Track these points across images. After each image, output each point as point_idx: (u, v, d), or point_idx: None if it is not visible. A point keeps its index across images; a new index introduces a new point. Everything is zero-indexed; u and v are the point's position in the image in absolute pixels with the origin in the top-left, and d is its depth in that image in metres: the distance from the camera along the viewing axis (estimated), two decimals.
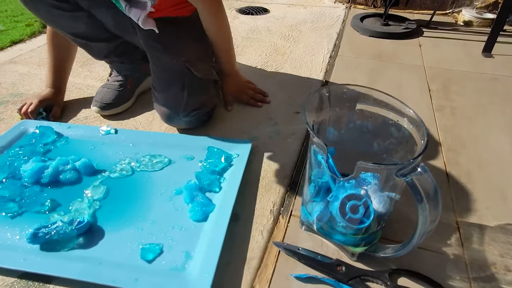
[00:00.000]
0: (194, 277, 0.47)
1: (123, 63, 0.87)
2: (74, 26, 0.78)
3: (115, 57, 0.87)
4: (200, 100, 0.74)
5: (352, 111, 0.50)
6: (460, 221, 0.58)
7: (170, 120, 0.74)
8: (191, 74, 0.73)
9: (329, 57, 1.15)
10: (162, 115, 0.74)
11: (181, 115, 0.72)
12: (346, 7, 1.66)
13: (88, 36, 0.80)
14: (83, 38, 0.80)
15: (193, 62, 0.75)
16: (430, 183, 0.38)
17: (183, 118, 0.73)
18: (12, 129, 0.76)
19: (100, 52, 0.86)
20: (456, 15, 1.54)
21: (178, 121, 0.74)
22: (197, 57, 0.77)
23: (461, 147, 0.75)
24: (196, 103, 0.73)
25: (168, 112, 0.72)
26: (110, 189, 0.62)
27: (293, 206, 0.61)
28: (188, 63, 0.73)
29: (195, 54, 0.77)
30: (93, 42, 0.82)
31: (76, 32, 0.79)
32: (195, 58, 0.76)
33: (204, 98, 0.76)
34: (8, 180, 0.63)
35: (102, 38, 0.82)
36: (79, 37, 0.80)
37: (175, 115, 0.72)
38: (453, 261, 0.51)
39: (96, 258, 0.50)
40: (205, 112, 0.77)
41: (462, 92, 0.96)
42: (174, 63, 0.74)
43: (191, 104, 0.72)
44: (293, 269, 0.50)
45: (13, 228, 0.55)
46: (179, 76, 0.73)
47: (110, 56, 0.86)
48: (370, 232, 0.47)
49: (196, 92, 0.73)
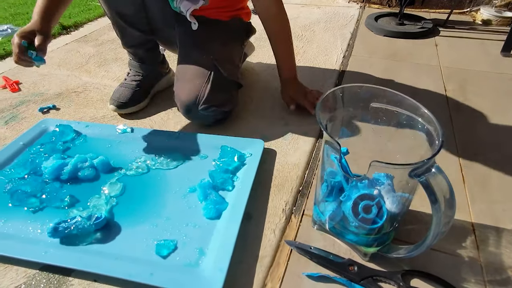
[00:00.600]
0: (207, 273, 0.48)
1: (143, 63, 0.89)
2: (124, 7, 0.79)
3: (142, 50, 0.88)
4: (221, 97, 0.76)
5: (365, 111, 0.50)
6: (476, 224, 0.57)
7: (188, 111, 0.75)
8: (218, 71, 0.76)
9: (342, 57, 1.15)
10: (182, 106, 0.75)
11: (200, 108, 0.73)
12: (360, 7, 1.64)
13: (131, 21, 0.82)
14: (126, 21, 0.81)
15: (221, 62, 0.78)
16: (445, 183, 0.37)
17: (201, 111, 0.74)
18: (34, 127, 0.79)
19: (132, 41, 0.87)
20: (474, 13, 1.51)
21: (196, 113, 0.75)
22: (225, 58, 0.80)
23: (478, 148, 0.73)
24: (217, 99, 0.74)
25: (188, 102, 0.73)
26: (126, 186, 0.63)
27: (305, 206, 0.61)
28: (216, 61, 0.76)
29: (224, 55, 0.80)
30: (132, 28, 0.83)
31: (123, 13, 0.80)
32: (224, 59, 0.79)
33: (225, 97, 0.77)
34: (30, 176, 0.65)
35: (141, 28, 0.84)
36: (123, 18, 0.81)
37: (195, 107, 0.73)
38: (468, 264, 0.51)
39: (112, 253, 0.51)
40: (223, 111, 0.78)
41: (480, 92, 0.94)
42: (203, 58, 0.77)
43: (211, 99, 0.73)
44: (305, 268, 0.50)
45: (35, 223, 0.57)
46: (205, 71, 0.75)
47: (138, 48, 0.88)
48: (383, 233, 0.47)
49: (219, 89, 0.75)
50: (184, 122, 0.83)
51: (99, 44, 1.32)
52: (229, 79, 0.78)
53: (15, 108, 0.91)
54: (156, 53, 0.92)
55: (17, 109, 0.91)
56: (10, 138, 0.78)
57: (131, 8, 0.80)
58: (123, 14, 0.81)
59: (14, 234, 0.55)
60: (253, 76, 1.04)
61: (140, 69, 0.90)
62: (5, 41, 1.35)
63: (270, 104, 0.89)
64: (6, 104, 0.93)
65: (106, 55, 1.22)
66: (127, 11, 0.80)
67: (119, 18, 0.81)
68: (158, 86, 0.94)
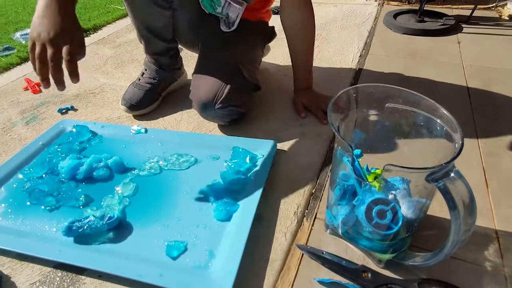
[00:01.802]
0: (216, 275, 0.47)
1: (162, 69, 0.90)
2: (154, 20, 0.80)
3: (166, 57, 0.89)
4: (239, 98, 0.75)
5: (380, 112, 0.48)
6: (500, 231, 0.54)
7: (205, 108, 0.74)
8: (240, 72, 0.76)
9: (359, 56, 1.12)
10: (199, 103, 0.74)
11: (217, 106, 0.72)
12: (378, 4, 1.60)
13: (157, 32, 0.83)
14: (151, 33, 0.83)
15: (244, 63, 0.78)
16: (465, 189, 0.35)
17: (217, 110, 0.73)
18: (52, 128, 0.81)
19: (156, 49, 0.87)
20: (500, 9, 1.44)
21: (212, 111, 0.74)
22: (248, 60, 0.80)
23: (503, 151, 0.69)
24: (235, 99, 0.74)
25: (206, 99, 0.73)
26: (139, 187, 0.64)
27: (318, 209, 0.60)
28: (240, 63, 0.76)
29: (248, 57, 0.81)
30: (157, 38, 0.84)
31: (150, 26, 0.81)
32: (247, 60, 0.79)
33: (243, 98, 0.77)
34: (48, 175, 0.67)
35: (166, 38, 0.85)
36: (150, 30, 0.82)
37: (211, 104, 0.72)
38: (491, 274, 0.48)
39: (124, 253, 0.52)
40: (239, 111, 0.77)
41: (505, 92, 0.89)
42: (227, 58, 0.77)
43: (229, 99, 0.73)
44: (317, 273, 0.49)
45: (51, 221, 0.58)
46: (227, 70, 0.75)
47: (161, 55, 0.89)
48: (399, 239, 0.45)
49: (239, 90, 0.75)
50: (196, 123, 0.83)
51: (116, 46, 1.34)
52: (249, 81, 0.78)
53: (35, 109, 0.94)
54: (177, 59, 0.93)
55: (37, 110, 0.93)
56: (30, 138, 0.81)
57: (161, 21, 0.81)
58: (152, 27, 0.82)
59: (30, 232, 0.56)
60: (267, 76, 1.03)
61: (156, 74, 0.90)
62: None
63: (284, 105, 0.88)
64: (28, 105, 0.96)
65: (123, 56, 1.24)
66: (156, 24, 0.81)
67: (147, 31, 0.82)
68: (169, 90, 0.95)
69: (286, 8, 0.77)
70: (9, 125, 0.88)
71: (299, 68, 0.84)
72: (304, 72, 0.85)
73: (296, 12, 0.77)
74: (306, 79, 0.86)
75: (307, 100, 0.85)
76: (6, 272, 0.52)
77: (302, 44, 0.81)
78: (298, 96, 0.86)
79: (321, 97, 0.85)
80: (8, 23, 1.69)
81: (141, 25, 0.82)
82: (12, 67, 1.21)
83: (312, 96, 0.85)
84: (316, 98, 0.85)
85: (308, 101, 0.84)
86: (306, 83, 0.86)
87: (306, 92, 0.86)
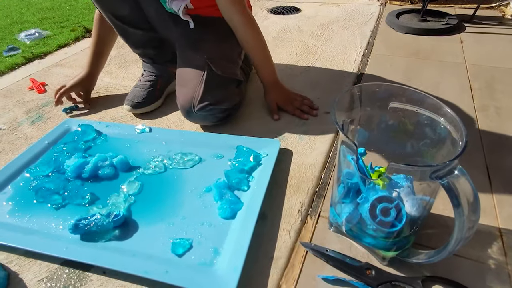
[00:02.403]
0: (221, 273, 0.48)
1: (155, 62, 0.91)
2: (119, 8, 0.81)
3: (150, 49, 0.90)
4: (216, 95, 0.75)
5: (384, 111, 0.48)
6: (503, 229, 0.54)
7: (188, 114, 0.76)
8: (211, 70, 0.76)
9: (362, 56, 1.12)
10: (182, 109, 0.76)
11: (196, 109, 0.73)
12: (381, 4, 1.60)
13: (128, 21, 0.84)
14: (124, 22, 0.83)
15: (215, 60, 0.77)
16: (468, 186, 0.36)
17: (198, 112, 0.74)
18: (58, 127, 0.82)
19: (137, 42, 0.89)
20: (504, 8, 1.43)
21: (194, 115, 0.75)
22: (220, 56, 0.80)
23: (506, 150, 0.69)
24: (212, 98, 0.74)
25: (186, 105, 0.74)
26: (144, 185, 0.65)
27: (321, 207, 0.60)
28: (209, 60, 0.76)
29: (219, 53, 0.80)
30: (132, 28, 0.85)
31: (119, 15, 0.82)
32: (218, 56, 0.79)
33: (220, 95, 0.76)
34: (54, 174, 0.68)
35: (141, 26, 0.86)
36: (120, 20, 0.83)
37: (191, 109, 0.74)
38: (495, 271, 0.48)
39: (130, 250, 0.52)
40: (222, 109, 0.77)
41: (509, 91, 0.89)
42: (197, 59, 0.77)
43: (206, 98, 0.73)
44: (321, 271, 0.49)
45: (57, 219, 0.59)
46: (199, 71, 0.76)
47: (146, 47, 0.89)
48: (403, 236, 0.46)
49: (213, 88, 0.75)
50: None
51: (120, 46, 1.35)
52: (225, 76, 0.77)
53: (41, 108, 0.95)
54: (164, 50, 0.92)
55: (42, 110, 0.94)
56: (36, 137, 0.82)
57: (126, 8, 0.81)
58: (120, 16, 0.82)
59: (38, 229, 0.57)
60: None
61: (153, 69, 0.91)
62: (33, 44, 1.41)
63: None
64: (33, 104, 0.97)
65: (127, 56, 1.25)
66: (122, 12, 0.81)
67: (117, 20, 0.83)
68: (172, 86, 0.95)
69: (220, 5, 0.77)
70: (15, 124, 0.89)
71: (257, 62, 0.84)
72: (264, 66, 0.85)
73: (228, 8, 0.76)
74: (268, 73, 0.85)
75: (280, 100, 0.85)
76: (14, 269, 0.52)
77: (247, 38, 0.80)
78: (270, 95, 0.86)
79: (292, 95, 0.86)
80: (13, 23, 1.71)
81: (111, 16, 0.82)
82: (17, 67, 1.23)
83: (284, 96, 0.86)
84: (288, 97, 0.86)
85: (281, 101, 0.85)
86: (269, 76, 0.86)
87: (276, 90, 0.86)
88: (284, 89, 0.87)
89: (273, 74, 0.87)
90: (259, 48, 0.83)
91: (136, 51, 0.92)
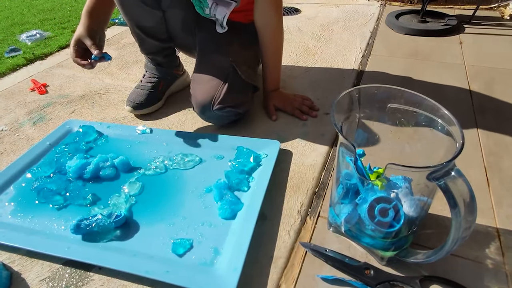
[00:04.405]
0: (222, 272, 0.48)
1: (160, 66, 0.92)
2: (144, 20, 0.81)
3: (162, 56, 0.91)
4: (236, 99, 0.76)
5: (382, 112, 0.49)
6: (501, 229, 0.54)
7: (203, 111, 0.76)
8: (236, 73, 0.77)
9: (361, 57, 1.13)
10: (197, 106, 0.76)
11: (215, 108, 0.74)
12: (380, 5, 1.61)
13: (149, 32, 0.84)
14: (144, 32, 0.84)
15: (240, 64, 0.78)
16: (465, 187, 0.36)
17: (216, 111, 0.74)
18: (59, 128, 0.82)
19: (149, 49, 0.89)
20: (503, 9, 1.44)
21: (210, 113, 0.75)
22: (244, 60, 0.81)
23: (505, 151, 0.70)
24: (232, 100, 0.75)
25: (204, 102, 0.74)
26: (145, 186, 0.65)
27: (321, 207, 0.61)
28: (235, 63, 0.77)
29: (242, 57, 0.81)
30: (150, 38, 0.85)
31: (142, 25, 0.82)
32: (242, 61, 0.80)
33: (240, 99, 0.78)
34: (55, 175, 0.68)
35: (160, 37, 0.86)
36: (141, 30, 0.83)
37: (209, 107, 0.74)
38: (492, 271, 0.48)
39: (131, 250, 0.53)
40: (237, 112, 0.78)
41: (507, 92, 0.89)
42: (221, 61, 0.78)
43: (227, 100, 0.74)
44: (320, 270, 0.50)
45: (59, 219, 0.59)
46: (223, 72, 0.76)
47: (157, 54, 0.90)
48: (401, 237, 0.46)
49: (235, 91, 0.76)
50: (200, 123, 0.84)
51: (120, 47, 1.36)
52: (246, 81, 0.79)
53: (42, 109, 0.96)
54: (173, 57, 0.94)
55: (44, 111, 0.95)
56: (38, 138, 0.82)
57: (151, 21, 0.82)
58: (143, 27, 0.83)
59: (40, 230, 0.58)
60: None
61: (156, 72, 0.92)
62: (34, 45, 1.42)
63: None
64: (35, 106, 0.98)
65: (127, 57, 1.25)
66: (146, 24, 0.82)
67: (139, 30, 0.83)
68: (173, 87, 0.96)
69: (259, 7, 0.78)
70: (17, 125, 0.90)
71: (269, 68, 0.85)
72: (274, 72, 0.86)
73: (268, 12, 0.78)
74: (275, 80, 0.87)
75: (279, 102, 0.86)
76: (16, 269, 0.53)
77: (272, 44, 0.83)
78: (269, 99, 0.87)
79: (291, 96, 0.87)
80: (14, 24, 1.71)
81: (133, 24, 0.82)
82: (18, 68, 1.23)
83: (283, 98, 0.87)
84: (287, 98, 0.87)
85: (280, 103, 0.86)
86: (275, 84, 0.88)
87: (275, 94, 0.87)
88: (284, 93, 0.89)
89: (278, 82, 0.88)
90: (278, 54, 0.85)
91: (146, 56, 0.92)
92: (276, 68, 0.86)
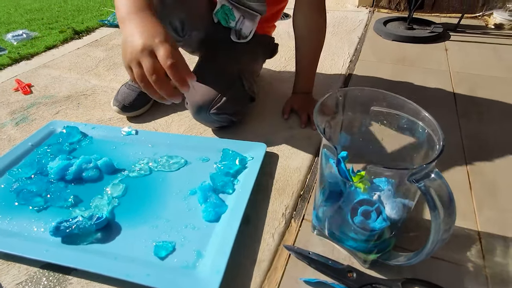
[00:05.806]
0: (204, 275, 0.48)
1: None
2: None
3: None
4: (235, 107, 0.75)
5: (366, 115, 0.49)
6: (483, 232, 0.55)
7: (199, 111, 0.74)
8: (241, 82, 0.77)
9: (349, 62, 1.14)
10: (194, 105, 0.74)
11: (212, 112, 0.73)
12: (369, 11, 1.63)
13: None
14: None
15: (247, 74, 0.79)
16: (445, 189, 0.36)
17: (212, 115, 0.73)
18: (42, 129, 0.80)
19: None
20: (487, 17, 1.48)
21: (205, 115, 0.74)
22: (249, 71, 0.81)
23: (487, 155, 0.71)
24: (231, 108, 0.74)
25: (202, 103, 0.73)
26: (128, 188, 0.64)
27: (305, 210, 0.60)
28: (242, 73, 0.77)
29: (249, 68, 0.82)
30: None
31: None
32: (248, 71, 0.80)
33: (238, 108, 0.77)
34: (36, 176, 0.67)
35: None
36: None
37: (206, 109, 0.73)
38: (473, 274, 0.49)
39: (112, 253, 0.52)
40: (231, 120, 0.77)
41: (491, 98, 0.91)
42: (229, 68, 0.77)
43: (226, 107, 0.73)
44: (303, 273, 0.49)
45: (38, 221, 0.58)
46: (229, 78, 0.76)
47: None
48: (383, 239, 0.46)
49: (235, 99, 0.75)
50: (187, 126, 0.83)
51: (109, 48, 1.35)
52: (247, 92, 0.79)
53: (25, 110, 0.94)
54: None
55: (27, 111, 0.93)
56: (20, 139, 0.80)
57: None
58: None
59: (18, 232, 0.56)
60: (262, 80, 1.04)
61: None
62: (20, 45, 1.40)
63: (274, 108, 0.89)
64: (18, 106, 0.96)
65: (115, 59, 1.24)
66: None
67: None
68: None
69: (301, 8, 0.78)
70: None
71: (301, 72, 0.86)
72: (305, 77, 0.86)
73: (312, 14, 0.78)
74: (305, 85, 0.87)
75: (298, 104, 0.86)
76: None
77: (309, 48, 0.83)
78: (292, 99, 0.87)
79: (312, 102, 0.86)
80: (0, 24, 1.68)
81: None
82: (2, 68, 1.21)
83: (305, 101, 0.86)
84: (308, 103, 0.86)
85: (298, 105, 0.86)
86: (304, 88, 0.87)
87: (301, 97, 0.87)
88: (308, 99, 0.87)
89: (311, 86, 0.88)
90: (317, 58, 0.85)
91: None
92: (313, 70, 0.86)
